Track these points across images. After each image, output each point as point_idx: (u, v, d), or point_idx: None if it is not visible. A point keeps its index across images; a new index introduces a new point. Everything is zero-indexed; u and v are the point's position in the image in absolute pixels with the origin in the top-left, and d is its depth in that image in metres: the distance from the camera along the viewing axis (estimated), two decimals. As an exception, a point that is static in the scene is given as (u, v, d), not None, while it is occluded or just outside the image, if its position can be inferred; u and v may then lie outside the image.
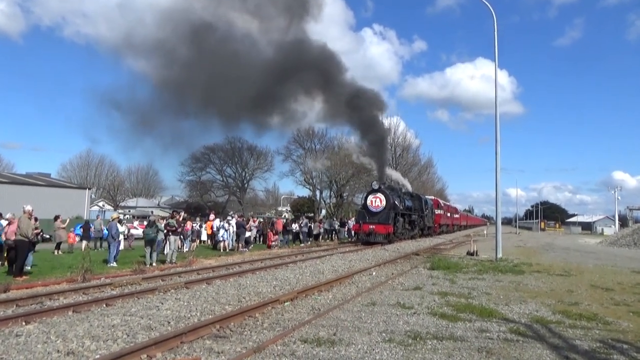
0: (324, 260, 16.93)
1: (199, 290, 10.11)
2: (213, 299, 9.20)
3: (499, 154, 19.15)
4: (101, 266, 14.70)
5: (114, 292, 10.19)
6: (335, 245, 26.05)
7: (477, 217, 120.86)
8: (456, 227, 55.32)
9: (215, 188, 62.40)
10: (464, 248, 24.44)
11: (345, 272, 13.79)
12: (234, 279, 12.16)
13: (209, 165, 59.80)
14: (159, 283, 11.49)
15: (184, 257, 17.28)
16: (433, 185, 72.87)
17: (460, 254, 21.17)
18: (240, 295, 9.70)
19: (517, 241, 37.47)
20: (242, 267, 15.21)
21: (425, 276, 13.31)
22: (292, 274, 12.99)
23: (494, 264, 16.50)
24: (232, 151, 58.55)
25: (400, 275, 13.55)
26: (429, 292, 10.45)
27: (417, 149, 60.07)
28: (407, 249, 23.10)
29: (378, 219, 25.39)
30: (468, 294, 10.29)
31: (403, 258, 18.95)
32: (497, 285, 11.77)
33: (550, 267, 16.48)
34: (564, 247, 31.08)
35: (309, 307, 8.85)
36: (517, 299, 9.82)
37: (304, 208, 57.58)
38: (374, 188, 26.43)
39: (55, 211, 23.27)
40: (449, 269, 14.63)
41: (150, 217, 18.05)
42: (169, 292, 9.96)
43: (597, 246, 35.06)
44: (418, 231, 32.39)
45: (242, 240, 21.79)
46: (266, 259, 17.87)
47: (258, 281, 11.62)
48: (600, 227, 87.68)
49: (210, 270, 14.20)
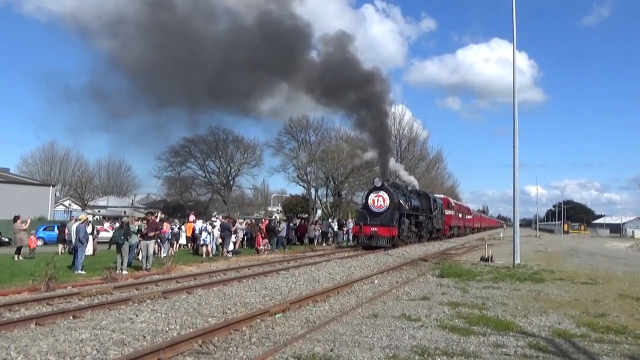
0: (320, 266, 16.95)
1: (179, 301, 10.11)
2: (194, 311, 9.20)
3: (517, 147, 19.23)
4: (67, 273, 14.64)
5: (82, 302, 10.17)
6: (333, 250, 26.10)
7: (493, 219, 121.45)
8: (469, 230, 55.55)
9: (196, 185, 62.39)
10: (477, 253, 24.54)
11: (344, 280, 13.80)
12: (218, 287, 12.16)
13: (189, 160, 59.77)
14: (133, 292, 11.47)
15: (161, 263, 17.25)
16: (443, 182, 73.19)
17: (473, 259, 21.26)
18: (225, 306, 9.70)
19: (537, 245, 37.67)
20: (227, 274, 15.20)
21: (434, 285, 13.36)
22: (283, 283, 13.01)
23: (511, 271, 16.58)
24: (216, 143, 58.49)
25: (405, 283, 13.60)
26: (438, 303, 10.49)
27: (425, 141, 59.97)
28: (413, 254, 23.16)
29: (381, 221, 25.45)
30: (482, 305, 10.34)
31: (409, 264, 19.00)
32: (515, 295, 11.84)
33: (574, 274, 16.59)
34: (589, 251, 31.27)
35: (302, 319, 8.87)
36: (537, 310, 9.88)
37: (297, 208, 57.60)
38: (376, 185, 26.49)
39: (14, 211, 23.22)
40: (461, 277, 14.69)
41: (123, 218, 18.01)
42: (145, 303, 9.95)
43: (626, 251, 35.32)
44: (426, 234, 32.51)
45: (227, 245, 21.78)
46: (254, 265, 17.87)
47: (245, 290, 11.62)
48: (631, 229, 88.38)
49: (191, 278, 14.19)
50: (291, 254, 23.50)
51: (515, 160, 19.33)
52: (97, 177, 74.80)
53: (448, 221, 40.00)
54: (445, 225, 39.04)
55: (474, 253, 25.71)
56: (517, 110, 19.55)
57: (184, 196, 62.17)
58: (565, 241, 50.68)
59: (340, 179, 53.86)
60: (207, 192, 63.16)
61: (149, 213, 19.29)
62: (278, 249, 24.98)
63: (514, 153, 19.27)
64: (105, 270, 14.09)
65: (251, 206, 72.18)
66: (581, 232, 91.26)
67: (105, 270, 14.09)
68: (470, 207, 65.02)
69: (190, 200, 62.28)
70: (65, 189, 67.83)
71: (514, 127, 19.44)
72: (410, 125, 55.42)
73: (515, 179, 19.40)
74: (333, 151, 52.05)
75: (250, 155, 61.26)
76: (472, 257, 22.88)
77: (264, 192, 79.94)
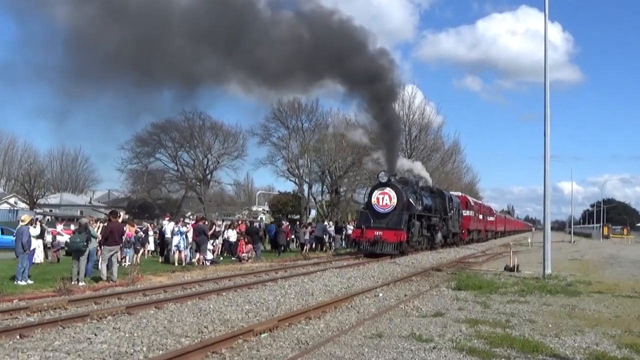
0: (314, 277, 16.98)
1: (146, 317, 10.10)
2: (165, 329, 9.21)
3: (548, 136, 19.29)
4: (12, 284, 14.63)
5: (30, 319, 10.14)
6: (329, 258, 26.14)
7: (519, 221, 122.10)
8: (490, 234, 55.81)
9: (167, 180, 62.31)
10: (500, 262, 24.63)
11: (343, 293, 13.84)
12: (193, 301, 12.16)
13: (158, 150, 59.68)
14: (92, 307, 11.46)
15: (125, 272, 17.22)
16: (460, 177, 73.54)
17: (495, 269, 21.34)
18: (201, 324, 9.71)
19: (571, 252, 37.80)
20: (204, 286, 15.20)
21: (449, 299, 13.40)
22: (271, 296, 13.03)
23: (540, 283, 16.66)
24: (191, 130, 58.36)
25: (415, 297, 13.64)
26: (454, 320, 10.53)
27: (439, 128, 59.85)
28: (424, 263, 23.23)
29: (386, 223, 25.49)
30: (506, 322, 10.38)
31: (419, 275, 19.06)
32: (545, 311, 11.89)
33: (616, 286, 16.67)
34: (633, 259, 31.39)
35: (293, 339, 8.88)
36: (571, 329, 9.93)
37: (287, 208, 57.73)
38: (382, 181, 26.49)
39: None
40: (481, 289, 14.74)
41: (81, 220, 17.95)
42: (105, 320, 9.94)
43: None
44: (440, 239, 32.60)
45: (203, 251, 21.76)
46: (236, 275, 17.89)
47: (225, 305, 11.63)
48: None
49: (160, 290, 14.18)
50: (280, 262, 23.53)
51: (546, 152, 19.40)
52: (49, 171, 74.60)
53: (466, 224, 40.16)
54: (463, 228, 39.19)
55: (496, 261, 25.80)
56: (549, 93, 19.61)
57: (153, 193, 62.12)
58: (604, 247, 50.87)
59: (339, 174, 53.89)
60: (180, 188, 63.14)
61: (111, 213, 19.18)
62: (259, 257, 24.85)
63: (545, 143, 19.33)
64: (59, 281, 14.04)
65: (232, 205, 72.21)
66: (624, 237, 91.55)
67: (59, 281, 14.04)
68: (492, 207, 65.36)
69: (159, 198, 62.27)
70: (11, 185, 67.63)
71: (544, 113, 19.51)
72: (422, 109, 55.09)
73: (546, 173, 19.45)
74: (330, 140, 52.02)
75: (232, 144, 61.30)
76: (495, 266, 22.97)
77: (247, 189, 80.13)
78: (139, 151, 58.36)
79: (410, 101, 53.38)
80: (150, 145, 58.48)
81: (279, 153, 57.27)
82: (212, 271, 19.26)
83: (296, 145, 55.89)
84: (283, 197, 62.65)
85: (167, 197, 63.24)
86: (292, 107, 55.44)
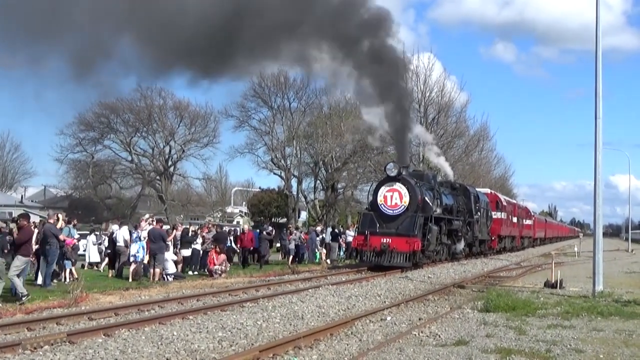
0: (305, 296, 16.93)
1: (92, 347, 10.07)
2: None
3: (599, 119, 19.26)
4: None
5: (-56, 350, 10.12)
6: (324, 272, 26.13)
7: (563, 225, 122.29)
8: (527, 241, 55.95)
9: (119, 174, 62.00)
10: (539, 276, 24.70)
11: (341, 317, 13.86)
12: (152, 327, 12.13)
13: (107, 135, 59.28)
14: (24, 335, 11.41)
15: (66, 290, 17.19)
16: (489, 170, 73.52)
17: (533, 285, 21.40)
18: (162, 356, 9.72)
19: (629, 263, 37.95)
20: (166, 307, 15.19)
21: (475, 323, 13.44)
22: (250, 320, 12.99)
23: (589, 302, 16.69)
24: (148, 111, 58.01)
25: (432, 321, 13.66)
26: (481, 350, 10.56)
27: (463, 109, 59.20)
28: (444, 278, 23.27)
29: (396, 228, 25.47)
30: (546, 353, 10.42)
31: (438, 293, 19.10)
32: (595, 338, 11.93)
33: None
34: None
35: (279, 374, 8.89)
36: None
37: (270, 209, 57.70)
38: (390, 175, 26.41)
39: None
40: (515, 311, 14.78)
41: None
42: (41, 350, 9.91)
43: None
44: (463, 248, 32.63)
45: (161, 262, 21.67)
46: (207, 294, 17.86)
47: (193, 332, 11.61)
48: None
49: (111, 312, 14.17)
50: (262, 277, 23.51)
51: (597, 138, 19.32)
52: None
53: (497, 228, 40.24)
54: (493, 234, 39.27)
55: (534, 276, 25.87)
56: (601, 63, 19.56)
57: (100, 190, 61.80)
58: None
59: (336, 165, 53.78)
60: (135, 184, 62.93)
61: (21, 217, 18.83)
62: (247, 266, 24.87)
63: (596, 127, 19.29)
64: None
65: (201, 206, 71.91)
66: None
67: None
68: (529, 208, 65.43)
69: (108, 196, 61.95)
70: None
71: (595, 89, 19.46)
72: (441, 85, 54.12)
73: (598, 165, 19.40)
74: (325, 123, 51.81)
75: (200, 129, 61.06)
76: (532, 281, 23.03)
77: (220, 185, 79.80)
78: (82, 137, 57.80)
79: (426, 74, 52.18)
80: (98, 129, 58.01)
81: (260, 139, 57.37)
82: (176, 288, 19.24)
83: (282, 129, 55.83)
84: (265, 196, 62.67)
85: (119, 196, 62.95)
86: (277, 82, 55.24)
